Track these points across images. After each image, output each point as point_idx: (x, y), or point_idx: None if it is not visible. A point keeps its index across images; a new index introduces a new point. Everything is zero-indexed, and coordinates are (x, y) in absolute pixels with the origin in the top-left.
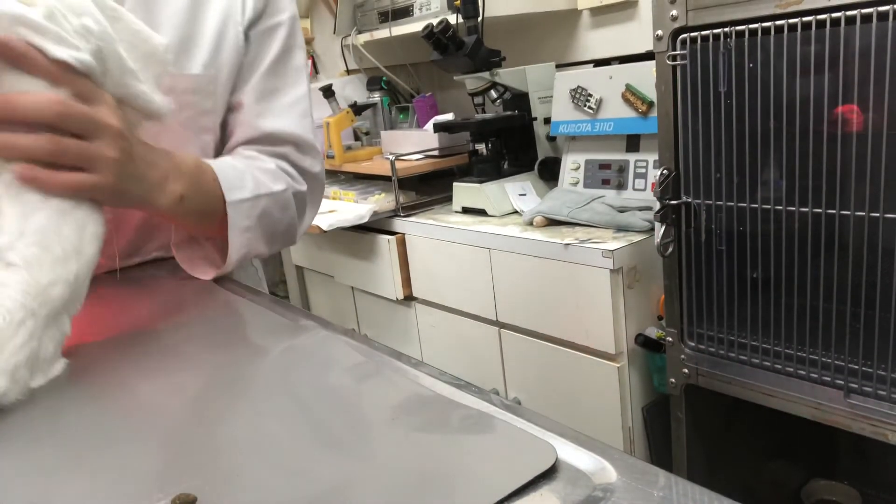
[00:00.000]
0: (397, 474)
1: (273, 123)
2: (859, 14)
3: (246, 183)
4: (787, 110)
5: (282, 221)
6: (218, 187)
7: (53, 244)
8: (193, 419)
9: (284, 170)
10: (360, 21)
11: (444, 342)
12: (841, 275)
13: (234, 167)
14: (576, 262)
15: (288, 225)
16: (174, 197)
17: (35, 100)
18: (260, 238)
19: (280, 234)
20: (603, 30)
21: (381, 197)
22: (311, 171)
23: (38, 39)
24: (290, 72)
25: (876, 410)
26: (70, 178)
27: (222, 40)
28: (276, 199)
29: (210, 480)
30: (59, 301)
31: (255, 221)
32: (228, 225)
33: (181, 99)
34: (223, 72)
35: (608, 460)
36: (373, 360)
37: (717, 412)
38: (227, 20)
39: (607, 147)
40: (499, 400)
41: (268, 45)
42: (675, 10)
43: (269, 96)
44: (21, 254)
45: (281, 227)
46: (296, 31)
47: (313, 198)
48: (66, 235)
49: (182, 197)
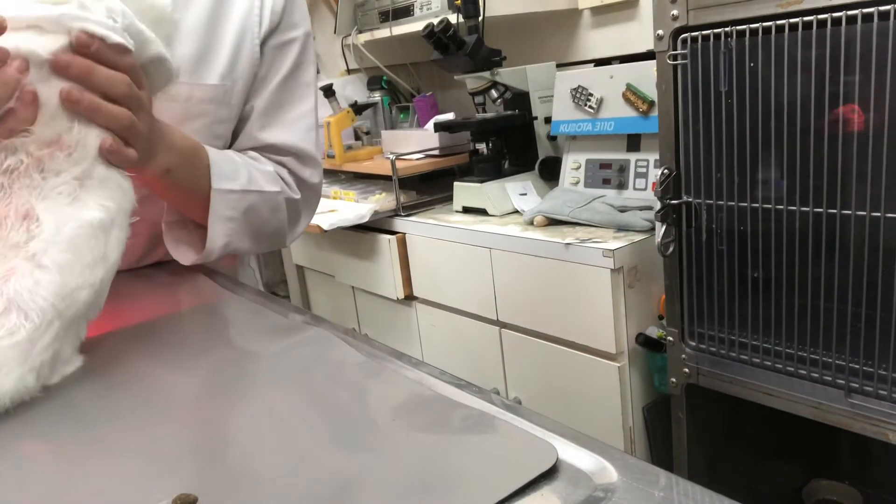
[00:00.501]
0: (398, 474)
1: (276, 136)
2: (860, 14)
3: (238, 176)
4: (788, 110)
5: (270, 223)
6: (209, 174)
7: (84, 251)
8: (193, 419)
9: (282, 176)
10: (360, 20)
11: (444, 342)
12: (842, 274)
13: (233, 161)
14: (576, 261)
15: (277, 227)
16: (161, 168)
17: (109, 75)
18: (244, 233)
19: (268, 235)
20: (604, 29)
21: (382, 196)
22: (310, 181)
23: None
24: (299, 87)
25: (877, 410)
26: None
27: (239, 52)
28: (267, 200)
29: (210, 480)
30: (84, 305)
31: (241, 215)
32: (210, 212)
33: (198, 108)
34: (239, 83)
35: (609, 460)
36: (373, 359)
37: (717, 412)
38: (244, 33)
39: (608, 146)
40: (499, 400)
41: (280, 61)
42: (675, 9)
43: (276, 110)
44: (54, 258)
45: (269, 228)
46: (308, 47)
47: (308, 206)
48: (95, 244)
49: (169, 170)
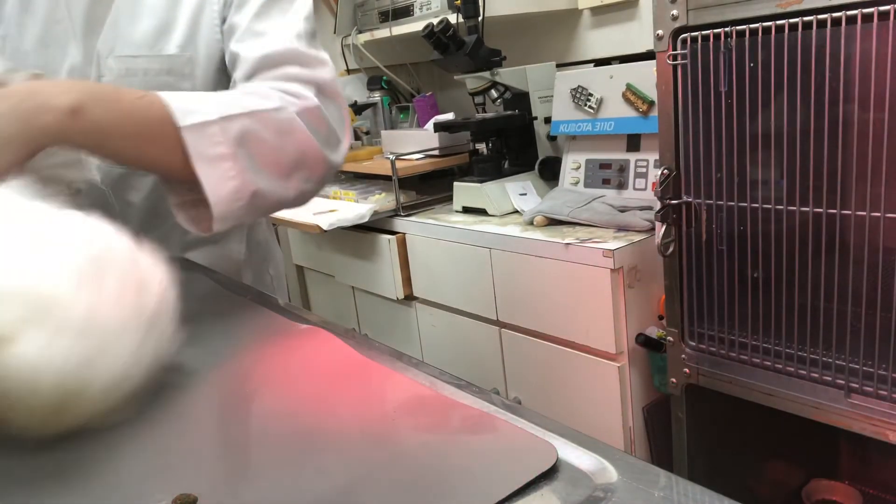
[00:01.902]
0: (398, 474)
1: (264, 47)
2: (860, 14)
3: (207, 106)
4: (788, 110)
5: (285, 148)
6: (166, 114)
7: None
8: (193, 419)
9: (283, 90)
10: (360, 20)
11: (444, 342)
12: (842, 274)
13: (199, 95)
14: (576, 261)
15: (301, 150)
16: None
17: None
18: (255, 170)
19: (294, 163)
20: (603, 29)
21: (382, 196)
22: (322, 79)
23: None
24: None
25: (877, 410)
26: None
27: (198, 22)
28: (265, 119)
29: (211, 480)
30: None
31: (234, 148)
32: (191, 157)
33: (157, 80)
34: (200, 52)
35: (609, 460)
36: (373, 359)
37: (717, 412)
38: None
39: (608, 146)
40: (499, 400)
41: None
42: (675, 9)
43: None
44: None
45: (289, 154)
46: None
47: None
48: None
49: (75, 110)
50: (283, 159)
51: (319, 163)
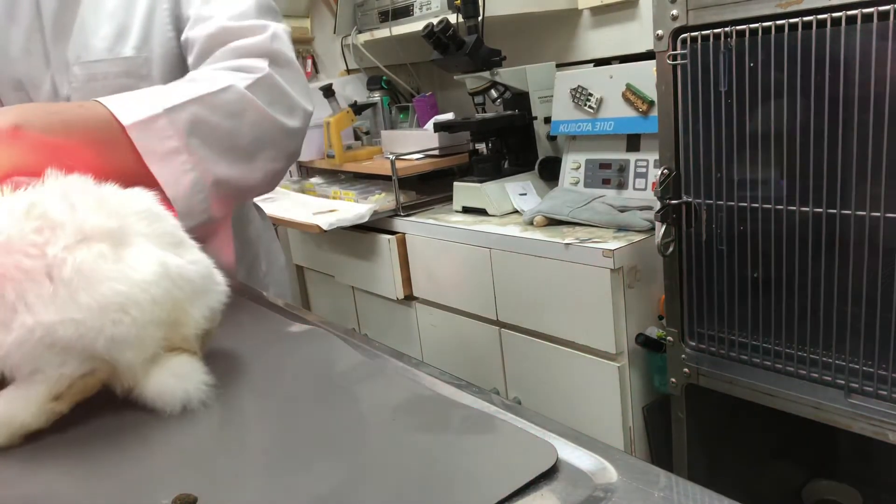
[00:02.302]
0: (398, 474)
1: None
2: (860, 14)
3: (147, 101)
4: (788, 110)
5: (240, 128)
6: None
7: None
8: (193, 419)
9: (233, 67)
10: (360, 20)
11: (444, 342)
12: (841, 274)
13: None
14: (576, 261)
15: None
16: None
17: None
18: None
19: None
20: (603, 29)
21: (382, 196)
22: (272, 47)
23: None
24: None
25: (877, 410)
26: None
27: (152, 22)
28: (214, 103)
29: (210, 480)
30: None
31: (186, 139)
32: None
33: (115, 83)
34: (155, 51)
35: (609, 460)
36: (373, 359)
37: (717, 412)
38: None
39: (608, 146)
40: (499, 400)
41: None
42: (675, 9)
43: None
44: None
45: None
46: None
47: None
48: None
49: (18, 126)
50: (241, 141)
51: (282, 136)
